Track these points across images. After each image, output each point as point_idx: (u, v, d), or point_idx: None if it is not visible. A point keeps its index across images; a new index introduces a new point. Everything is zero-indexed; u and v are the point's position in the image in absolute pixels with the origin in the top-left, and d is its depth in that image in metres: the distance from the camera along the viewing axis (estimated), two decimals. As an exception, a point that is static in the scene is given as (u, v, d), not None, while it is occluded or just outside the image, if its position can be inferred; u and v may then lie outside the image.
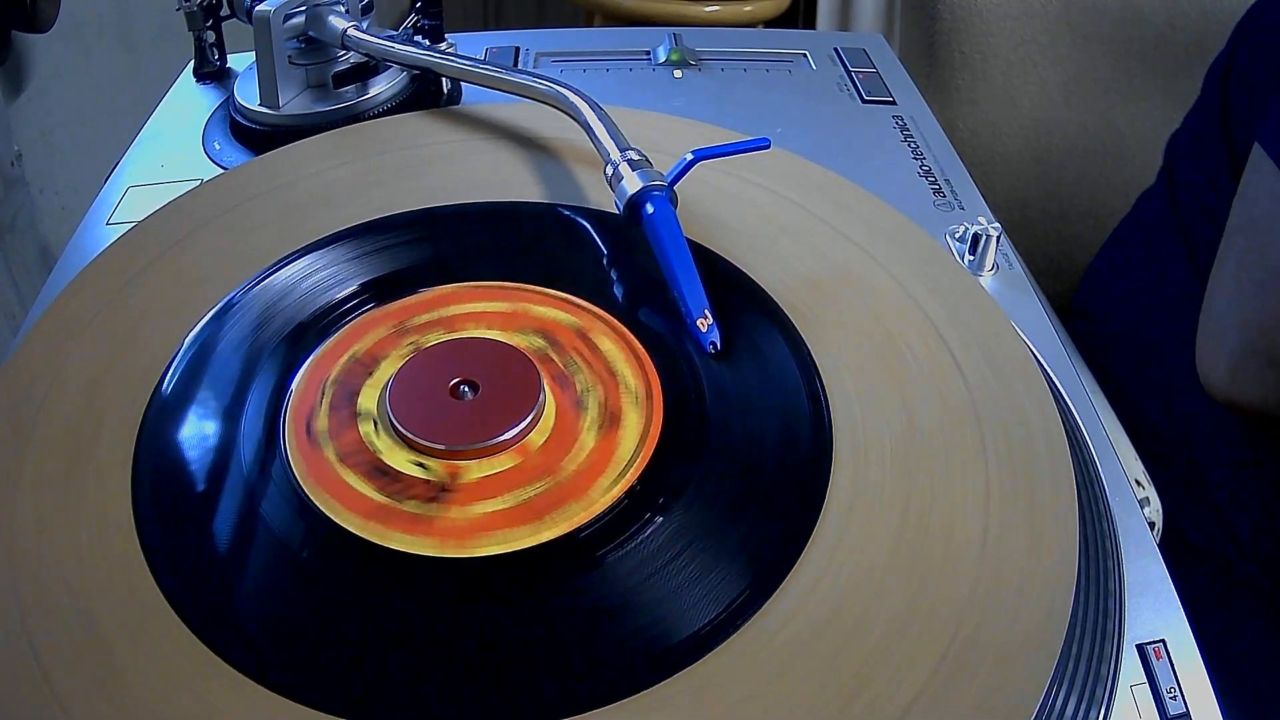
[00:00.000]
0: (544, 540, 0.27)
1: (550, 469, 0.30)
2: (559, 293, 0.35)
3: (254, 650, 0.25)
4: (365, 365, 0.32)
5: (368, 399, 0.31)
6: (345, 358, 0.33)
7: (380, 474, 0.29)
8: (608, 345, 0.33)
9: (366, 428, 0.30)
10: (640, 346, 0.33)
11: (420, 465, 0.29)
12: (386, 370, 0.32)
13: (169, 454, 0.30)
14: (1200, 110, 0.68)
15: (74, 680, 0.24)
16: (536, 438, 0.30)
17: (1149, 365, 0.64)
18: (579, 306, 0.35)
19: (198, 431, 0.31)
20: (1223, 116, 0.63)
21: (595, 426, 0.31)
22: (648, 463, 0.29)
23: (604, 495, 0.29)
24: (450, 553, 0.27)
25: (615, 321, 0.34)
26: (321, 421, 0.30)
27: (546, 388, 0.31)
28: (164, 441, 0.30)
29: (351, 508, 0.28)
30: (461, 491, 0.29)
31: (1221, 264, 0.53)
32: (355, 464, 0.29)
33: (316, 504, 0.28)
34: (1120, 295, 0.70)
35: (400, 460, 0.30)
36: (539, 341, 0.33)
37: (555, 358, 0.33)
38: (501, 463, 0.30)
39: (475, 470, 0.29)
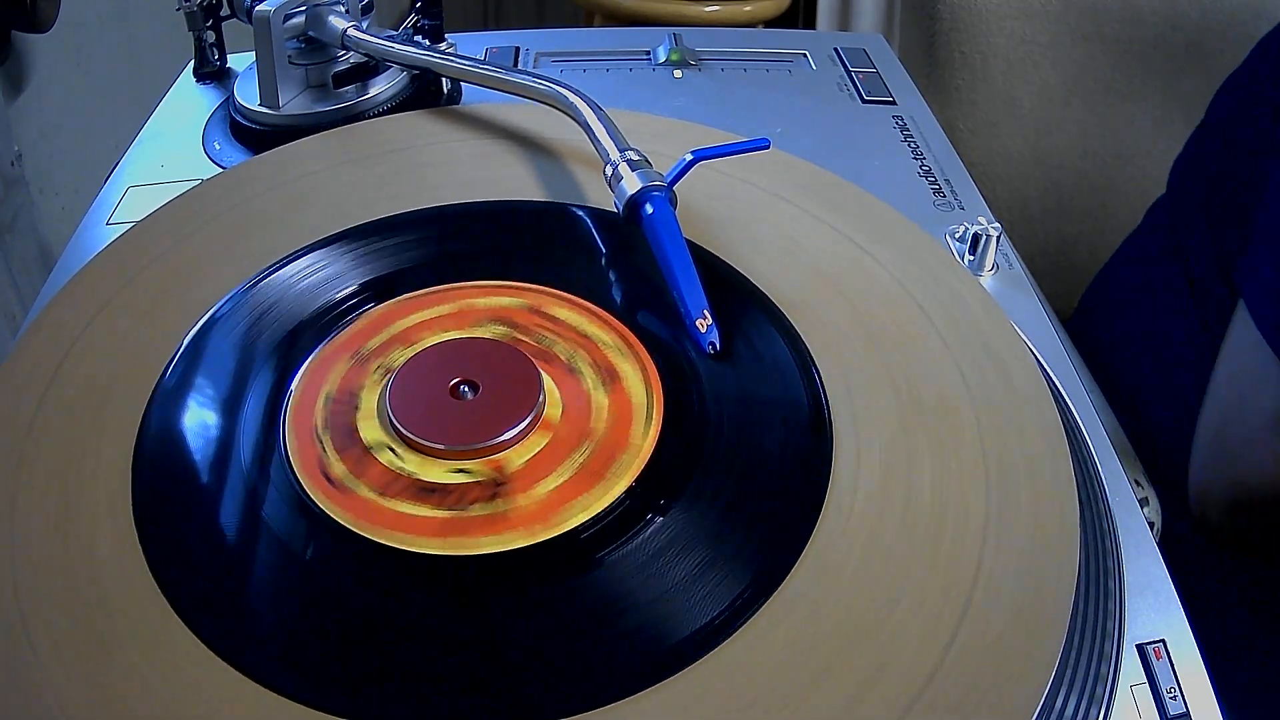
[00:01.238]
0: (618, 495, 0.28)
1: (585, 433, 0.30)
2: (493, 281, 0.35)
3: (261, 649, 0.25)
4: (345, 402, 0.31)
5: (370, 431, 0.31)
6: (321, 402, 0.31)
7: (428, 492, 0.29)
8: (564, 313, 0.34)
9: (386, 456, 0.30)
10: (597, 308, 0.34)
11: (461, 471, 0.29)
12: (370, 399, 0.31)
13: (170, 453, 0.30)
14: (1207, 133, 0.65)
15: (75, 680, 0.24)
16: (553, 412, 0.31)
17: (1149, 366, 0.64)
18: (518, 288, 0.35)
19: (200, 431, 0.31)
20: (1232, 141, 0.60)
21: (600, 385, 0.32)
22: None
23: (645, 439, 0.30)
24: (545, 535, 0.27)
25: (558, 291, 0.35)
26: (337, 467, 0.29)
27: (541, 371, 0.32)
28: (165, 441, 0.30)
29: (420, 532, 0.28)
30: (516, 479, 0.29)
31: (1209, 409, 0.51)
32: (398, 492, 0.29)
33: (383, 540, 0.27)
34: (1122, 304, 0.70)
35: (439, 473, 0.29)
36: (499, 329, 0.34)
37: (525, 338, 0.33)
38: (536, 443, 0.30)
39: (516, 457, 0.30)
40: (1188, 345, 0.58)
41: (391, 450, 0.30)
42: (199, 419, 0.31)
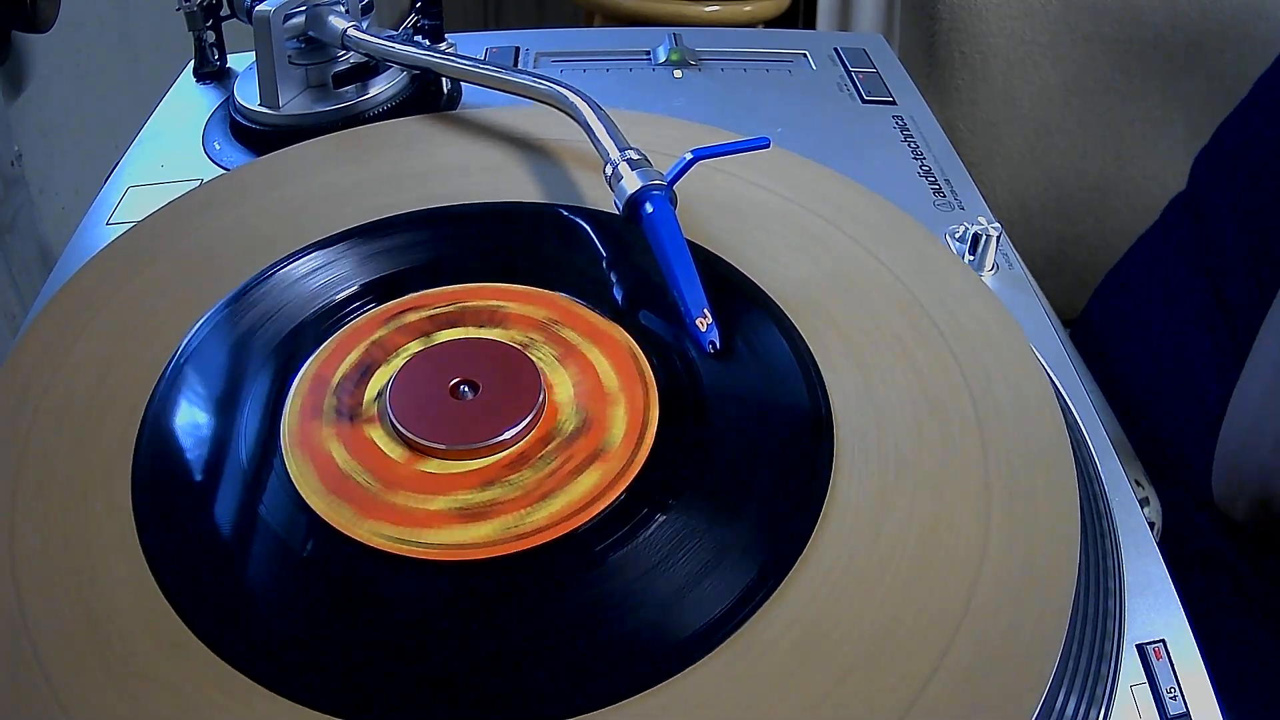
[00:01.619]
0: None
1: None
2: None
3: (262, 650, 0.25)
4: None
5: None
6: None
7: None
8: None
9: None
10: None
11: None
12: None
13: (170, 454, 0.30)
14: (1238, 124, 0.64)
15: (75, 679, 0.24)
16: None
17: (1168, 362, 0.64)
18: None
19: (201, 432, 0.31)
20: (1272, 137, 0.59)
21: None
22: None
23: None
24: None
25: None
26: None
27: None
28: (165, 441, 0.30)
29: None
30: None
31: (1243, 395, 0.49)
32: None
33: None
34: (1138, 302, 0.69)
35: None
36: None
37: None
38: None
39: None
40: (1208, 343, 0.58)
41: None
42: (199, 419, 0.31)
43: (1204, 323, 0.60)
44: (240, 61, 0.53)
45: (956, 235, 0.43)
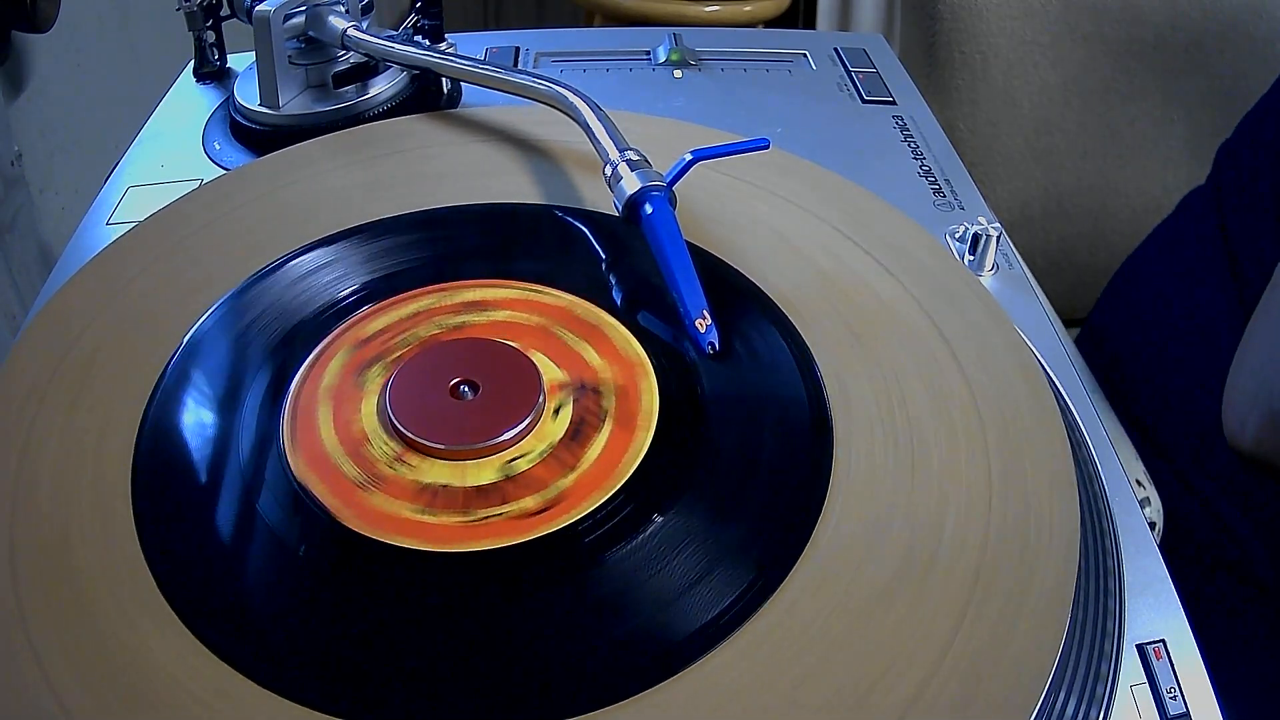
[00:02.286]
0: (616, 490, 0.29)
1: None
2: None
3: (263, 651, 0.25)
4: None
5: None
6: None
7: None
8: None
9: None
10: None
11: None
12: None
13: (170, 455, 0.30)
14: (1261, 116, 0.63)
15: (75, 680, 0.24)
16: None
17: (1165, 360, 0.64)
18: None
19: (201, 432, 0.31)
20: None
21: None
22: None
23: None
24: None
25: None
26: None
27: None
28: (165, 442, 0.30)
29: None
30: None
31: (1265, 315, 0.49)
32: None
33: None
34: (1154, 295, 0.69)
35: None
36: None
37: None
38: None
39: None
40: (1233, 335, 0.58)
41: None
42: (199, 420, 0.31)
43: (1224, 313, 0.60)
44: (240, 61, 0.53)
45: (956, 235, 0.43)
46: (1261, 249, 0.58)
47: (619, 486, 0.29)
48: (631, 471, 0.29)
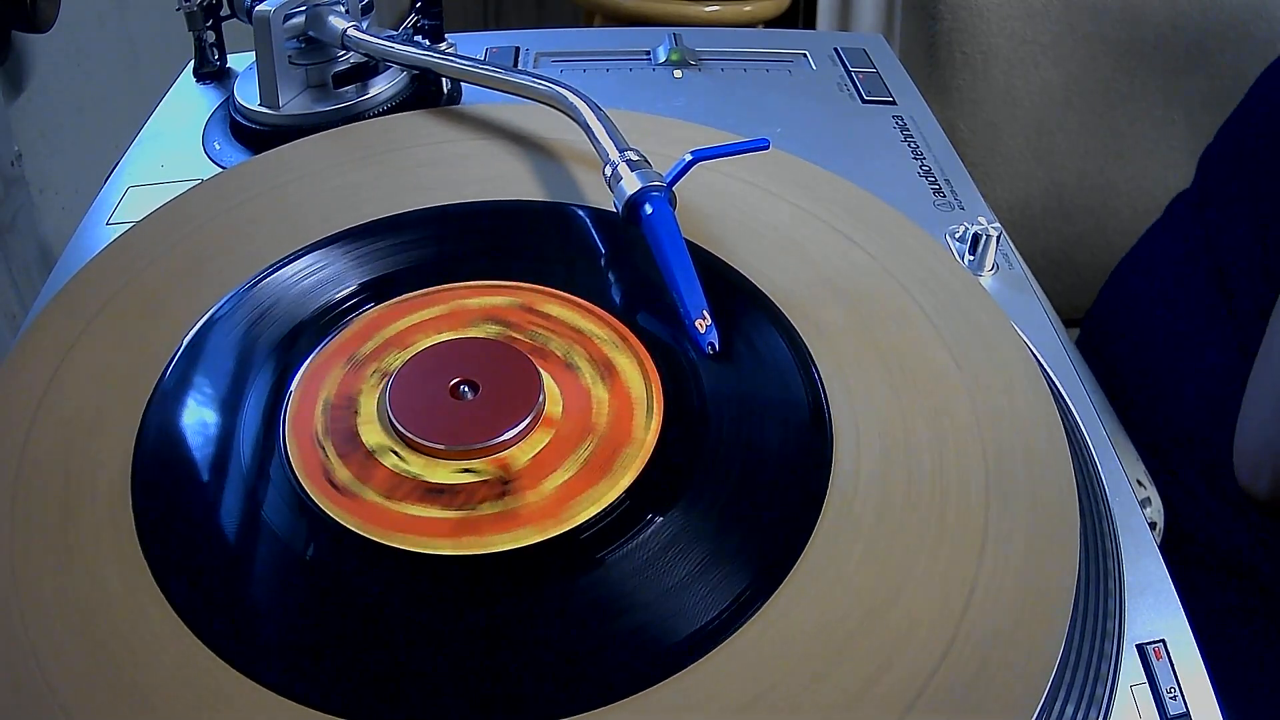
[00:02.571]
0: (625, 488, 0.29)
1: (587, 427, 0.30)
2: (490, 281, 0.35)
3: (268, 653, 0.25)
4: (344, 407, 0.31)
5: (371, 434, 0.30)
6: (320, 406, 0.31)
7: (436, 493, 0.29)
8: (556, 309, 0.34)
9: (390, 459, 0.30)
10: (588, 303, 0.34)
11: (468, 470, 0.29)
12: (369, 401, 0.31)
13: (170, 456, 0.30)
14: (1240, 122, 0.64)
15: (76, 680, 0.24)
16: (554, 408, 0.31)
17: (1154, 364, 0.64)
18: (510, 286, 0.35)
19: (200, 433, 0.31)
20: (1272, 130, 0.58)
21: (598, 380, 0.32)
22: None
23: (647, 433, 0.30)
24: (558, 530, 0.28)
25: (549, 290, 0.35)
26: (342, 473, 0.29)
27: (540, 370, 0.32)
28: (165, 443, 0.30)
29: (432, 533, 0.28)
30: (524, 476, 0.29)
31: (1266, 361, 0.48)
32: (406, 495, 0.29)
33: (396, 545, 0.27)
34: (1143, 299, 0.69)
35: (444, 474, 0.29)
36: (493, 328, 0.34)
37: (519, 335, 0.33)
38: (540, 439, 0.30)
39: (520, 454, 0.30)
40: (1215, 337, 0.58)
41: (394, 452, 0.30)
42: (199, 420, 0.31)
43: (1210, 318, 0.60)
44: (240, 61, 0.53)
45: (956, 235, 0.43)
46: (1245, 256, 0.58)
47: (619, 487, 0.29)
48: (631, 472, 0.29)
